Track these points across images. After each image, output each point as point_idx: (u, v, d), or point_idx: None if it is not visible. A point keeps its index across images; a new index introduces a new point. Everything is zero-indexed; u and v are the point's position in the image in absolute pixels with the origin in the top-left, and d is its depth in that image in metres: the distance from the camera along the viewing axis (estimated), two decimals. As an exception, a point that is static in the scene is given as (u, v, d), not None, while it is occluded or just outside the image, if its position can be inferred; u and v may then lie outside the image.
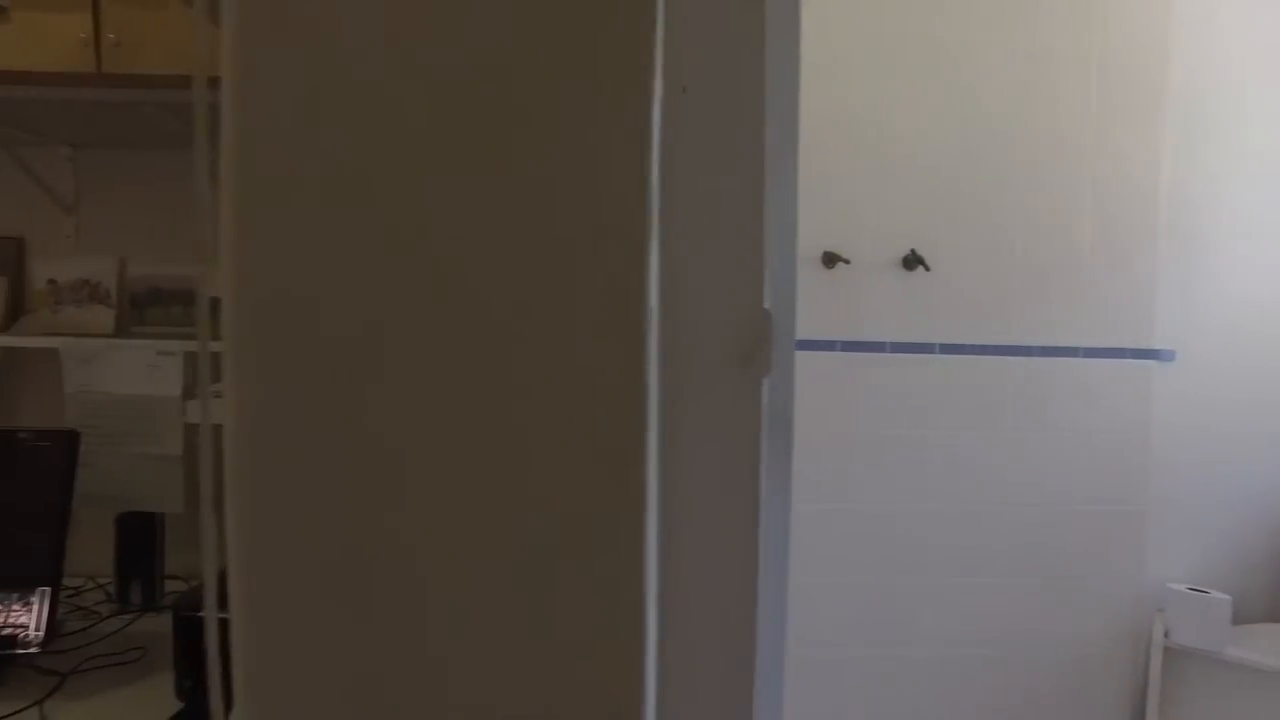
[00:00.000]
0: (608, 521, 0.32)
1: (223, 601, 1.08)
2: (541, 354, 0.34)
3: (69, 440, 1.21)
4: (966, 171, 2.27)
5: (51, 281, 1.61)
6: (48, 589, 1.15)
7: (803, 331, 2.11)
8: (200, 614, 1.06)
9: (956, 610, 2.31)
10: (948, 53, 2.26)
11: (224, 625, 0.99)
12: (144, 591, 1.45)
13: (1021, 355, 2.28)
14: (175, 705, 1.09)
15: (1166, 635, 2.26)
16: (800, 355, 0.45)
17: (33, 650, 1.14)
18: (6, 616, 1.15)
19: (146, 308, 1.60)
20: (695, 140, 0.33)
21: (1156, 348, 2.31)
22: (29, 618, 1.15)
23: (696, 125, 0.33)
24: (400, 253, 0.36)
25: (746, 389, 0.33)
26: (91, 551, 1.47)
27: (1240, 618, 2.28)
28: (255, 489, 0.38)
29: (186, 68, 1.18)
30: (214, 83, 1.20)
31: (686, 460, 0.32)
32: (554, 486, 0.34)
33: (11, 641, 1.14)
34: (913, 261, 2.25)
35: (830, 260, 2.25)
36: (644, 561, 0.32)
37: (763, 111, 0.32)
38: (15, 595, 1.15)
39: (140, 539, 1.44)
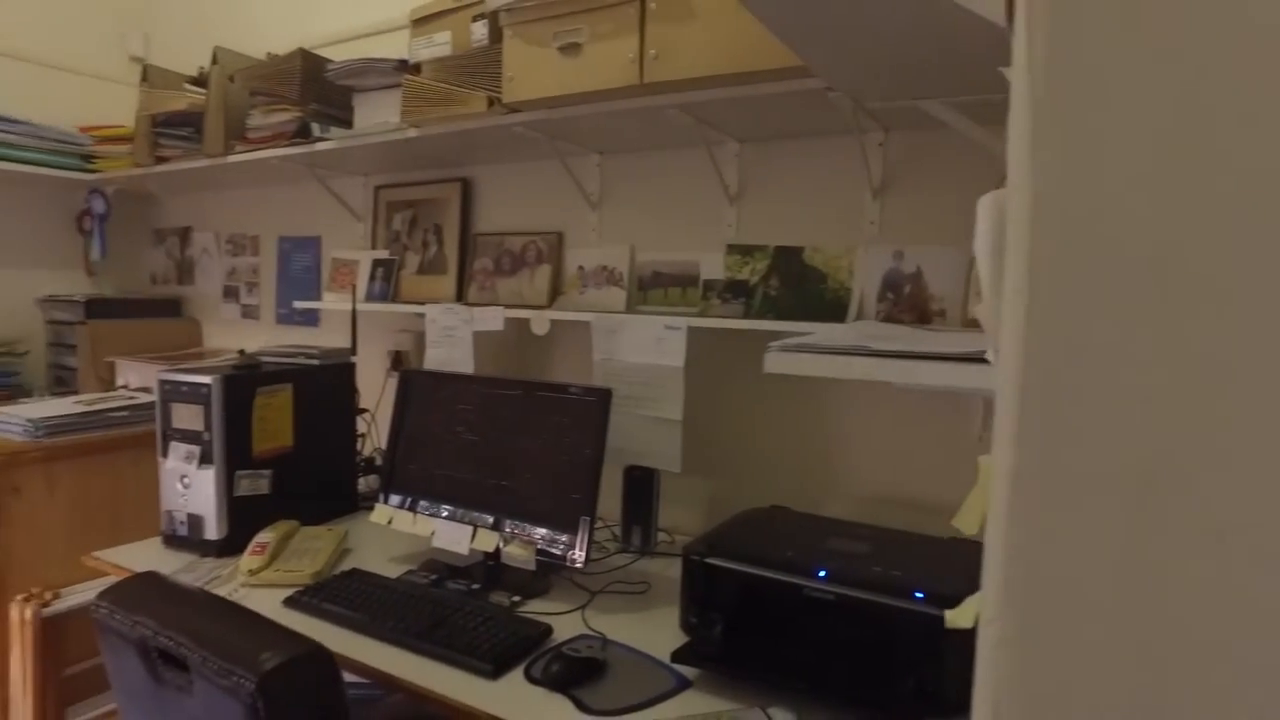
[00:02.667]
0: None
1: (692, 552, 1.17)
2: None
3: (604, 397, 1.43)
4: None
5: (580, 268, 1.93)
6: (588, 519, 1.38)
7: None
8: (707, 559, 1.17)
9: None
10: None
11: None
12: (643, 537, 1.67)
13: None
14: (680, 638, 1.22)
15: None
16: None
17: (576, 567, 1.38)
18: (559, 538, 1.41)
19: (649, 289, 1.83)
20: None
21: None
22: (575, 541, 1.39)
23: None
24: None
25: None
26: (602, 496, 1.73)
27: None
28: (1047, 467, 0.37)
29: (719, 67, 1.31)
30: (749, 77, 1.31)
31: None
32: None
33: (562, 558, 1.39)
34: None
35: None
36: None
37: None
38: (566, 521, 1.40)
39: (642, 491, 1.66)
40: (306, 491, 1.77)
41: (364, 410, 2.02)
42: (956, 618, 0.48)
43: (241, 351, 2.51)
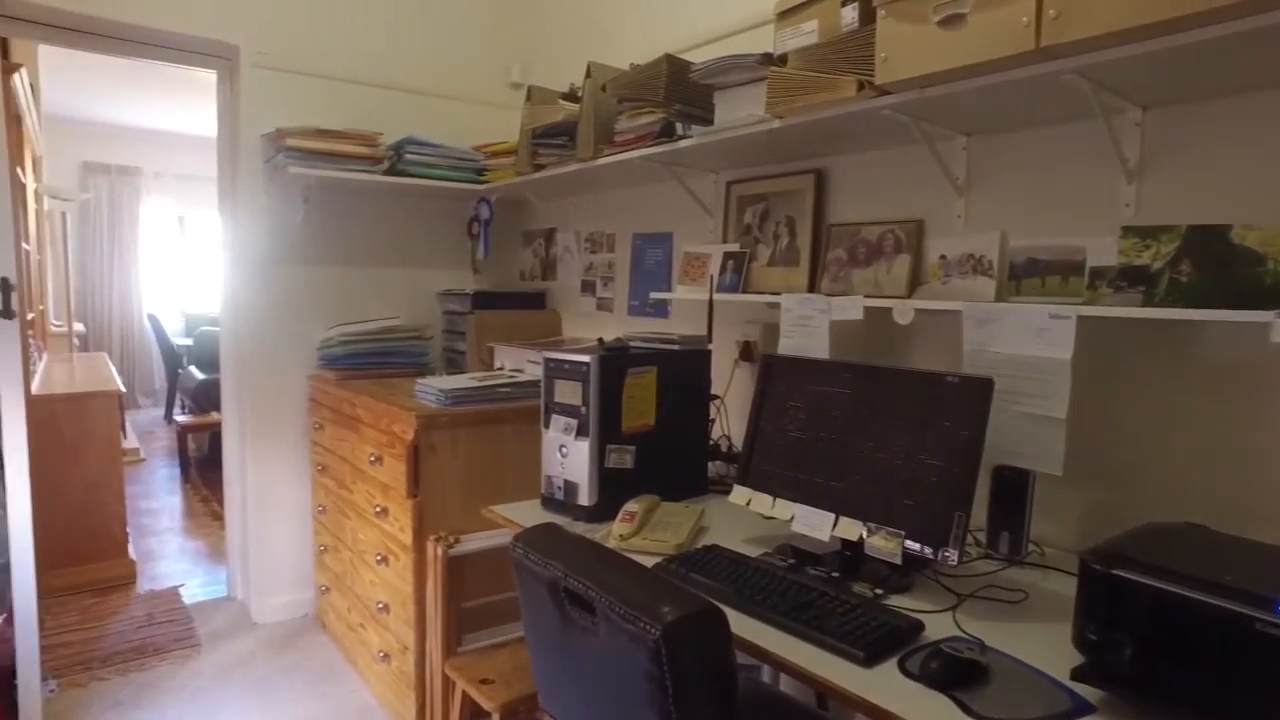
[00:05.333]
0: None
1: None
2: None
3: (985, 387, 1.34)
4: None
5: (942, 257, 1.83)
6: (963, 515, 1.30)
7: None
8: (1113, 570, 1.04)
9: None
10: None
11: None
12: (1011, 544, 1.54)
13: None
14: (1068, 657, 1.10)
15: None
16: None
17: (949, 564, 1.31)
18: (923, 534, 1.34)
19: (1022, 278, 1.68)
20: None
21: None
22: (944, 539, 1.31)
23: None
24: None
25: None
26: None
27: None
28: None
29: (1139, 16, 1.16)
30: (1176, 25, 1.14)
31: None
32: None
33: (930, 555, 1.32)
34: None
35: None
36: None
37: None
38: (934, 516, 1.33)
39: (1013, 494, 1.53)
40: (663, 470, 1.88)
41: (715, 396, 2.10)
42: None
43: (600, 339, 2.74)
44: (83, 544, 3.50)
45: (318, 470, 3.07)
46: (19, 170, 3.56)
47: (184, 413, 6.16)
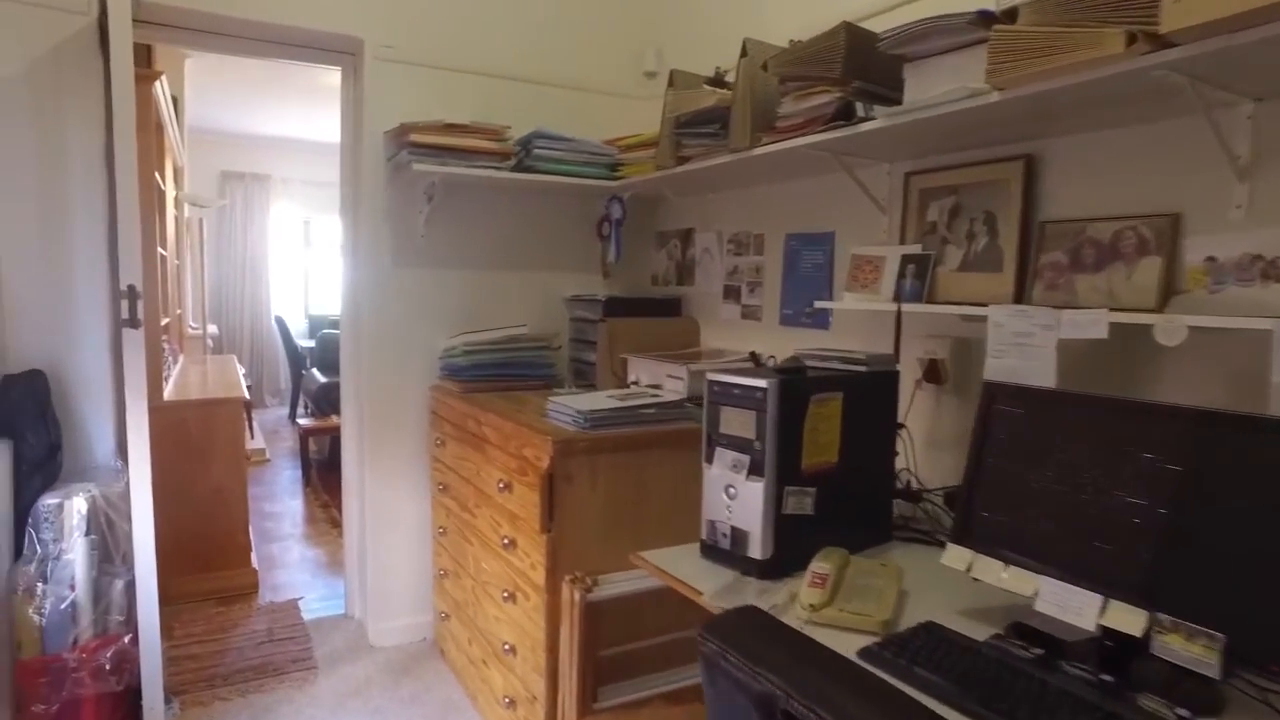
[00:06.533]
0: None
1: None
2: None
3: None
4: None
5: (1210, 259, 1.44)
6: None
7: None
8: None
9: None
10: None
11: None
12: None
13: None
14: None
15: None
16: None
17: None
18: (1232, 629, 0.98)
19: (1337, 288, 1.29)
20: None
21: None
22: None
23: None
24: None
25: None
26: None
27: None
28: None
29: None
30: None
31: None
32: None
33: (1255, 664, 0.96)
34: None
35: None
36: None
37: None
38: (1269, 610, 0.97)
39: None
40: (844, 514, 1.57)
41: (901, 426, 1.77)
42: None
43: (753, 354, 2.44)
44: (209, 551, 3.47)
45: (438, 489, 2.90)
46: (158, 177, 3.57)
47: (306, 414, 6.23)
